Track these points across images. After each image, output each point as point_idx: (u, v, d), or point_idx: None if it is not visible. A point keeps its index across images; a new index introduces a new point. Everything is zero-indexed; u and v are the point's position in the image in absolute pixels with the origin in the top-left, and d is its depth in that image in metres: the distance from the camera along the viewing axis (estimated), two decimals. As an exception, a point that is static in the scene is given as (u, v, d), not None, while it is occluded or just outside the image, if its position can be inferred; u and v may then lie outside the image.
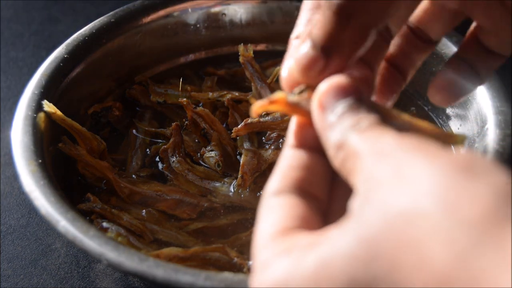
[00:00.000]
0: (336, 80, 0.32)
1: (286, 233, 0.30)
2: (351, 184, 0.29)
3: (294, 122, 0.34)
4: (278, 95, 0.33)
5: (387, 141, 0.27)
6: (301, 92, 0.33)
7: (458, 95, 0.40)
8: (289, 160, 0.33)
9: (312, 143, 0.33)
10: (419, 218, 0.24)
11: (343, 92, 0.31)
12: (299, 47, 0.34)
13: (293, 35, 0.37)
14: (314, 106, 0.32)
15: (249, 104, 0.69)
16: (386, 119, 0.30)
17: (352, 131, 0.29)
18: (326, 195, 0.33)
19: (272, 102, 0.33)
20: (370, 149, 0.28)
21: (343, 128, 0.30)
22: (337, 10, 0.32)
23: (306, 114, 0.33)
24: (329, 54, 0.33)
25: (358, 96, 0.31)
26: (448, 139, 0.31)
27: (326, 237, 0.28)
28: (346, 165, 0.29)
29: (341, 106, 0.30)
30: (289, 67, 0.35)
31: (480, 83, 0.41)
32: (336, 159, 0.30)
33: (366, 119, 0.29)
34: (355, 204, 0.27)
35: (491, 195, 0.23)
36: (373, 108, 0.30)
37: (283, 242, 0.29)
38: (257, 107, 0.33)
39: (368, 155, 0.28)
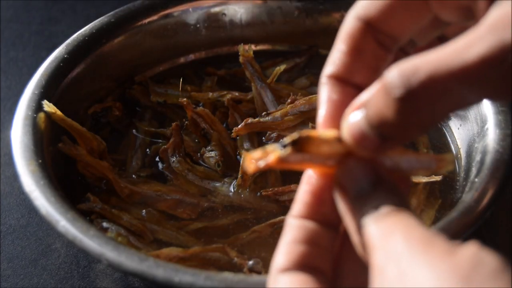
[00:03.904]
0: (354, 161, 0.32)
1: None
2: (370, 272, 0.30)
3: (302, 190, 0.34)
4: (271, 150, 0.32)
5: (398, 239, 0.28)
6: (294, 142, 0.32)
7: None
8: (295, 233, 0.33)
9: (319, 215, 0.33)
10: None
11: (362, 173, 0.32)
12: (352, 113, 0.32)
13: (326, 71, 0.36)
14: (335, 190, 0.32)
15: (249, 104, 0.69)
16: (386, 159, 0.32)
17: (370, 220, 0.30)
18: (330, 269, 0.33)
19: (265, 160, 0.32)
20: (382, 246, 0.29)
21: (364, 213, 0.31)
22: (398, 104, 0.30)
23: (301, 166, 0.33)
24: (384, 139, 0.31)
25: (377, 175, 0.32)
26: (439, 163, 0.32)
27: None
28: (366, 253, 0.30)
29: (360, 189, 0.31)
30: (340, 130, 0.33)
31: None
32: (357, 246, 0.31)
33: (385, 204, 0.30)
34: None
35: None
36: (391, 187, 0.31)
37: None
38: (249, 160, 0.32)
39: (380, 251, 0.29)
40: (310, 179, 0.34)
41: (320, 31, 0.75)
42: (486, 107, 0.59)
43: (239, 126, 0.64)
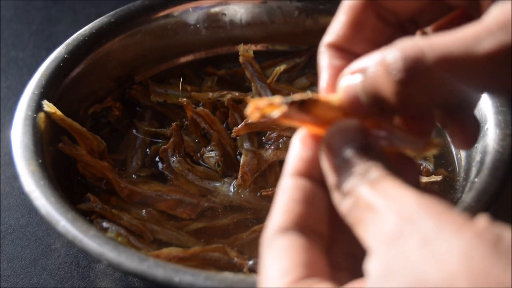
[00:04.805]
0: (345, 123, 0.32)
1: (300, 285, 0.29)
2: (359, 235, 0.29)
3: (295, 148, 0.33)
4: (277, 103, 0.32)
5: (409, 202, 0.27)
6: (301, 102, 0.32)
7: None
8: (291, 193, 0.32)
9: (314, 173, 0.32)
10: None
11: (351, 136, 0.31)
12: (349, 76, 0.32)
13: (326, 40, 0.36)
14: (322, 148, 0.32)
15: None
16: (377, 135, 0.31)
17: (362, 181, 0.29)
18: (327, 229, 0.32)
19: (270, 113, 0.32)
20: (391, 208, 0.27)
21: (351, 174, 0.30)
22: (397, 86, 0.30)
23: (301, 124, 0.33)
24: (380, 110, 0.32)
25: (366, 141, 0.31)
26: (425, 145, 0.32)
27: None
28: (355, 214, 0.29)
29: (349, 150, 0.30)
30: (336, 92, 0.33)
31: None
32: (342, 205, 0.30)
33: (375, 168, 0.29)
34: (373, 267, 0.27)
35: None
36: (380, 154, 0.31)
37: None
38: (253, 108, 0.32)
39: (389, 213, 0.27)
40: (308, 135, 0.33)
41: (320, 31, 0.74)
42: (486, 107, 0.59)
43: (239, 126, 0.64)
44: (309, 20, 0.75)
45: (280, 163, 0.64)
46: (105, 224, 0.56)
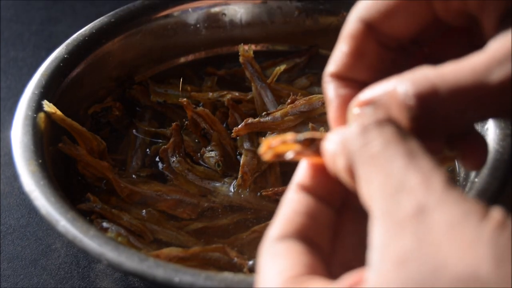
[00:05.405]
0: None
1: (297, 280, 0.29)
2: (358, 189, 0.29)
3: (303, 165, 0.33)
4: (290, 143, 0.32)
5: (437, 179, 0.27)
6: (313, 139, 0.32)
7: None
8: (294, 205, 0.32)
9: (319, 190, 0.33)
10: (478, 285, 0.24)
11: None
12: (358, 108, 0.32)
13: (329, 70, 0.36)
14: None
15: (249, 104, 0.69)
16: None
17: (370, 118, 0.29)
18: (329, 246, 0.32)
19: (283, 154, 0.32)
20: (417, 183, 0.27)
21: (365, 118, 0.30)
22: (413, 122, 0.30)
23: (313, 160, 0.33)
24: None
25: None
26: (442, 161, 0.33)
27: None
28: (364, 165, 0.28)
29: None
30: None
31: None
32: (343, 154, 0.30)
33: (387, 117, 0.30)
34: (379, 245, 0.26)
35: None
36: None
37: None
38: (266, 147, 0.32)
39: (414, 188, 0.26)
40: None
41: (320, 31, 0.75)
42: (486, 107, 0.59)
43: (239, 126, 0.64)
44: (309, 20, 0.75)
45: (280, 163, 0.64)
46: (105, 224, 0.56)
